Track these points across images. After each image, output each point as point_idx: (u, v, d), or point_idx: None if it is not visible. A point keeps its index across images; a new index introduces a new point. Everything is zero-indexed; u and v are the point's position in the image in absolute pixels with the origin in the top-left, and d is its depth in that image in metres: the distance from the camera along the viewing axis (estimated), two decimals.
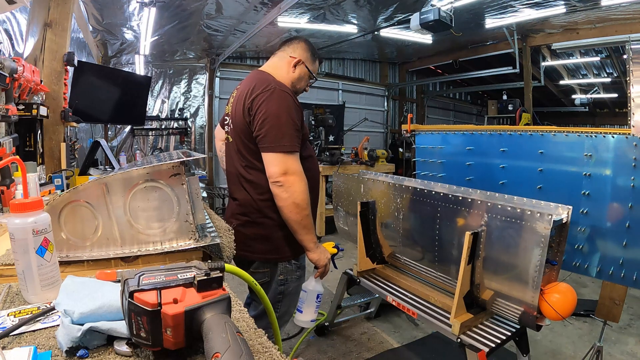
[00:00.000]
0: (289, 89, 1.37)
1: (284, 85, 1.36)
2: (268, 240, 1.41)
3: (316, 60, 1.52)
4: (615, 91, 7.59)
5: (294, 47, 1.49)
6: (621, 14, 4.27)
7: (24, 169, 0.75)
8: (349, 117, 6.69)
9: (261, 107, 1.28)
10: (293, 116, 1.29)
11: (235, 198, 1.48)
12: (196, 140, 5.75)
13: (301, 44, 1.49)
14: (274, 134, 1.26)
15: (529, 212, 1.33)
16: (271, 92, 1.29)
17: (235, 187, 1.48)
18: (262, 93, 1.29)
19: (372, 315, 2.66)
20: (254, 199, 1.40)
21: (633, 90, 1.58)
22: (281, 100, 1.29)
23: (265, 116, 1.27)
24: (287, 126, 1.27)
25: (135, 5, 3.65)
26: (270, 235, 1.41)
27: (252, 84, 1.36)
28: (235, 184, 1.48)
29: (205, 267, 0.56)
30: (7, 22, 2.43)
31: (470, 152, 2.36)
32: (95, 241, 0.91)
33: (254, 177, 1.38)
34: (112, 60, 4.85)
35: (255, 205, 1.40)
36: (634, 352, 2.25)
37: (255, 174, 1.38)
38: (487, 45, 6.09)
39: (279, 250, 1.42)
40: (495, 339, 1.47)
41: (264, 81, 1.34)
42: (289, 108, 1.30)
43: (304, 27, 4.77)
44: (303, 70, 1.48)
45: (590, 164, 1.75)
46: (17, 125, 1.87)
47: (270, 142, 1.27)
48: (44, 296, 0.70)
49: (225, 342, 0.46)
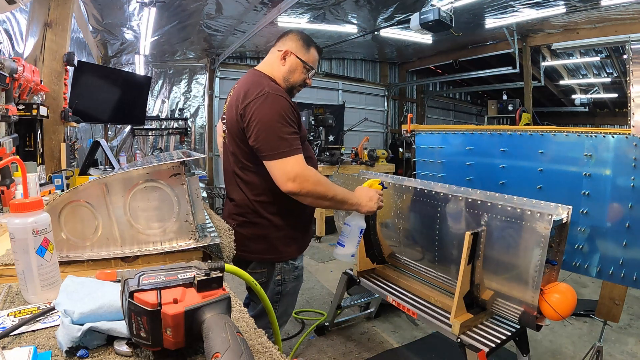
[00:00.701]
0: (283, 90, 1.34)
1: (277, 87, 1.33)
2: (264, 240, 1.40)
3: (311, 48, 1.44)
4: (615, 91, 7.59)
5: (283, 40, 1.44)
6: (621, 14, 4.27)
7: (24, 169, 0.75)
8: (349, 117, 6.70)
9: (254, 115, 1.26)
10: (287, 119, 1.26)
11: (232, 198, 1.47)
12: (196, 140, 5.75)
13: (290, 35, 1.44)
14: (272, 141, 1.24)
15: (529, 212, 1.33)
16: (265, 98, 1.26)
17: (231, 188, 1.47)
18: (255, 99, 1.26)
19: (372, 315, 2.66)
20: (249, 199, 1.39)
21: (633, 90, 1.58)
22: (274, 105, 1.26)
23: (260, 125, 1.25)
24: (282, 131, 1.24)
25: (135, 5, 3.65)
26: (266, 236, 1.40)
27: (246, 88, 1.33)
28: (231, 184, 1.47)
29: (205, 267, 0.56)
30: (7, 22, 2.43)
31: (470, 152, 2.36)
32: (95, 241, 0.91)
33: (250, 178, 1.37)
34: (112, 60, 4.85)
35: (251, 206, 1.39)
36: (634, 352, 2.25)
37: (251, 175, 1.37)
38: (487, 45, 6.09)
39: (276, 250, 1.41)
40: (495, 339, 1.47)
41: (257, 85, 1.31)
42: (284, 111, 1.26)
43: (304, 27, 4.77)
44: (294, 61, 1.41)
45: (590, 164, 1.75)
46: (17, 125, 1.87)
47: (269, 151, 1.24)
48: (44, 296, 0.70)
49: (225, 342, 0.46)
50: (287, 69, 1.42)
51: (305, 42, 1.43)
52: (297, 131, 1.30)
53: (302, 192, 1.24)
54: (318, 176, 1.28)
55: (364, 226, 1.45)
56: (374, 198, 1.41)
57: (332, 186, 1.32)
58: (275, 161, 1.24)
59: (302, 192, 1.24)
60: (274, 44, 1.48)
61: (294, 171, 1.23)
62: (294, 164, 1.24)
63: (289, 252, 1.44)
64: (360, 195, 1.40)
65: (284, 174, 1.23)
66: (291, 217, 1.42)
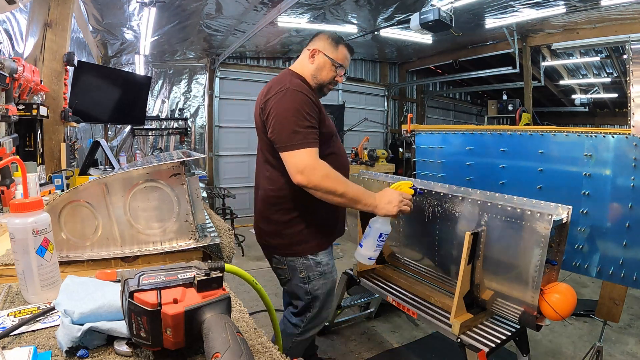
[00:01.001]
0: (305, 87, 1.36)
1: (298, 84, 1.36)
2: (280, 236, 1.44)
3: (339, 46, 1.48)
4: (615, 91, 7.58)
5: (313, 40, 1.50)
6: (621, 14, 4.27)
7: (24, 169, 0.75)
8: (349, 117, 6.69)
9: (272, 108, 1.31)
10: (304, 113, 1.29)
11: (258, 195, 1.53)
12: (196, 140, 5.75)
13: (320, 35, 1.50)
14: (286, 134, 1.27)
15: (529, 212, 1.33)
16: (284, 93, 1.31)
17: (258, 181, 1.54)
18: (275, 94, 1.32)
19: (372, 315, 2.66)
20: (268, 195, 1.44)
21: (633, 90, 1.58)
22: (293, 99, 1.30)
23: (276, 118, 1.30)
24: (297, 124, 1.27)
25: (135, 5, 3.65)
26: (281, 232, 1.44)
27: (271, 84, 1.39)
28: (258, 178, 1.53)
29: (205, 267, 0.56)
30: (7, 22, 2.43)
31: (470, 152, 2.35)
32: (95, 241, 0.91)
33: (270, 173, 1.43)
34: (112, 60, 4.84)
35: (269, 201, 1.44)
36: (634, 352, 2.25)
37: (271, 170, 1.42)
38: (487, 45, 6.09)
39: (292, 246, 1.44)
40: (495, 339, 1.47)
41: (280, 82, 1.36)
42: (300, 105, 1.29)
43: (304, 27, 4.77)
44: (322, 59, 1.46)
45: (590, 164, 1.75)
46: (17, 125, 1.87)
47: (282, 142, 1.28)
48: (44, 296, 0.70)
49: (225, 342, 0.46)
50: (315, 67, 1.46)
51: (334, 41, 1.48)
52: (314, 126, 1.31)
53: (310, 185, 1.25)
54: (327, 170, 1.28)
55: (385, 230, 1.39)
56: (394, 201, 1.34)
57: (344, 183, 1.30)
58: (288, 152, 1.28)
59: (310, 185, 1.25)
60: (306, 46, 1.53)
61: (302, 163, 1.25)
62: (304, 156, 1.26)
63: (306, 248, 1.44)
64: (380, 196, 1.35)
65: (294, 165, 1.27)
66: (307, 212, 1.43)
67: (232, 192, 4.82)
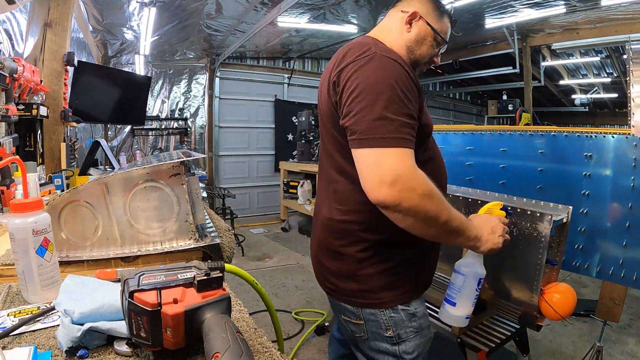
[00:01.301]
0: (399, 56, 0.89)
1: (390, 50, 0.89)
2: (354, 278, 0.96)
3: (444, 16, 1.05)
4: (615, 91, 7.59)
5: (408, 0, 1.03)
6: (621, 14, 4.27)
7: (24, 169, 0.75)
8: None
9: (351, 79, 0.84)
10: (401, 94, 0.81)
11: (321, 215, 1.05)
12: (196, 140, 5.76)
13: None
14: (368, 119, 0.79)
15: (529, 212, 1.33)
16: (369, 59, 0.84)
17: (321, 199, 1.07)
18: (355, 61, 0.85)
19: None
20: (335, 218, 0.97)
21: (633, 90, 1.58)
22: (384, 68, 0.83)
23: (356, 93, 0.82)
24: (388, 108, 0.79)
25: (135, 5, 3.65)
26: (355, 272, 0.95)
27: (345, 50, 0.92)
28: (321, 196, 1.07)
29: (205, 267, 0.56)
30: (7, 22, 2.43)
31: (470, 152, 2.35)
32: (95, 241, 0.91)
33: (340, 186, 0.96)
34: (112, 60, 4.85)
35: (336, 227, 0.97)
36: (634, 352, 2.25)
37: (343, 181, 0.95)
38: (487, 45, 6.09)
39: (371, 293, 0.95)
40: (495, 339, 1.47)
41: (361, 46, 0.89)
42: (395, 80, 0.82)
43: (304, 27, 4.77)
44: (423, 27, 1.00)
45: (590, 164, 1.75)
46: (17, 125, 1.87)
47: (360, 133, 0.80)
48: (44, 296, 0.70)
49: (225, 342, 0.46)
50: (413, 36, 1.01)
51: (438, 6, 1.04)
52: (413, 115, 0.84)
53: (401, 207, 0.78)
54: (430, 187, 0.81)
55: (483, 274, 1.04)
56: (498, 230, 0.96)
57: (448, 206, 0.85)
58: (367, 150, 0.80)
59: (401, 207, 0.78)
60: (394, 5, 1.06)
61: (393, 171, 0.77)
62: (395, 160, 0.78)
63: (394, 296, 0.96)
64: (480, 226, 0.95)
65: (377, 171, 0.78)
66: (396, 246, 0.95)
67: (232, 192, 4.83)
